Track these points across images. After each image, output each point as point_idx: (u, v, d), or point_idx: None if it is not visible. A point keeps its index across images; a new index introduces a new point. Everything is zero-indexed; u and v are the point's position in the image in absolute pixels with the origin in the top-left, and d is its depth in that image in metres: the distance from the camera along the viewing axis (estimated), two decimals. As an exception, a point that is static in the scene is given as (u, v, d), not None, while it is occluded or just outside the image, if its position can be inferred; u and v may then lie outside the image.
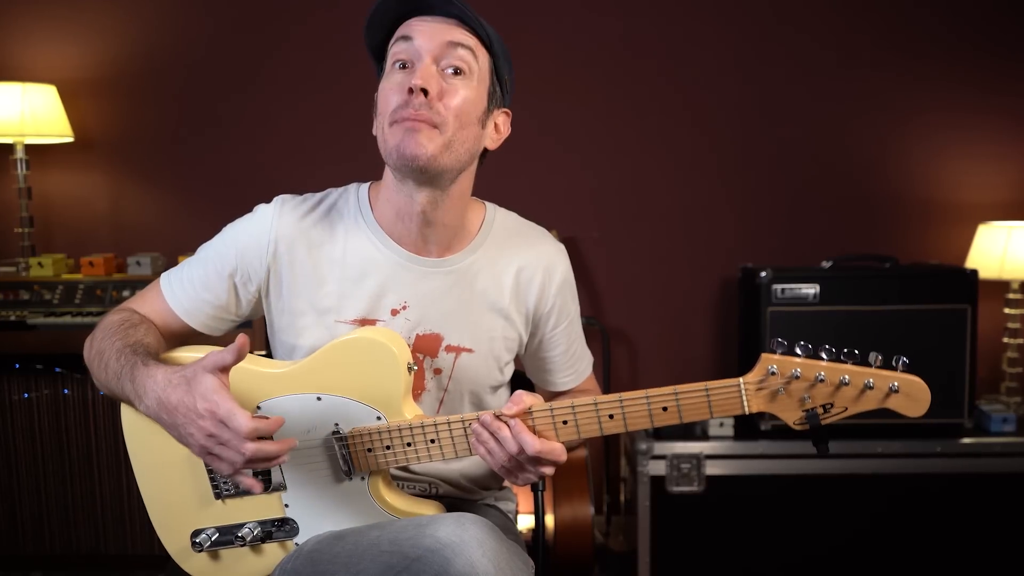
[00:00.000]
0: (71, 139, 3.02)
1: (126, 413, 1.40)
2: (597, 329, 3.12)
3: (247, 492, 1.37)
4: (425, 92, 1.28)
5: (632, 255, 3.22)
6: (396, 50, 1.33)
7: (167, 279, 1.48)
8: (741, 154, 3.18)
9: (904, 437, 2.64)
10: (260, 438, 1.18)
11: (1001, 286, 2.99)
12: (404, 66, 1.32)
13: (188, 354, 1.38)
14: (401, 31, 1.34)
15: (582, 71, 3.16)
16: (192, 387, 1.19)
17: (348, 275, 1.41)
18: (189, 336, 1.48)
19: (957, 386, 2.67)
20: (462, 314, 1.44)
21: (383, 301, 1.41)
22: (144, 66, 3.16)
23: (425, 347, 1.43)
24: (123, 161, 3.20)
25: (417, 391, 1.45)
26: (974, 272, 2.69)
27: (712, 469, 2.67)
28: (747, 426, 2.74)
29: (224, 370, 1.19)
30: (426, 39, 1.31)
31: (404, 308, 1.42)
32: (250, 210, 1.47)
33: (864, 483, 2.64)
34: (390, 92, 1.32)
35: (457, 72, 1.32)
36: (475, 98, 1.34)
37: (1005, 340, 2.99)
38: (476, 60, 1.34)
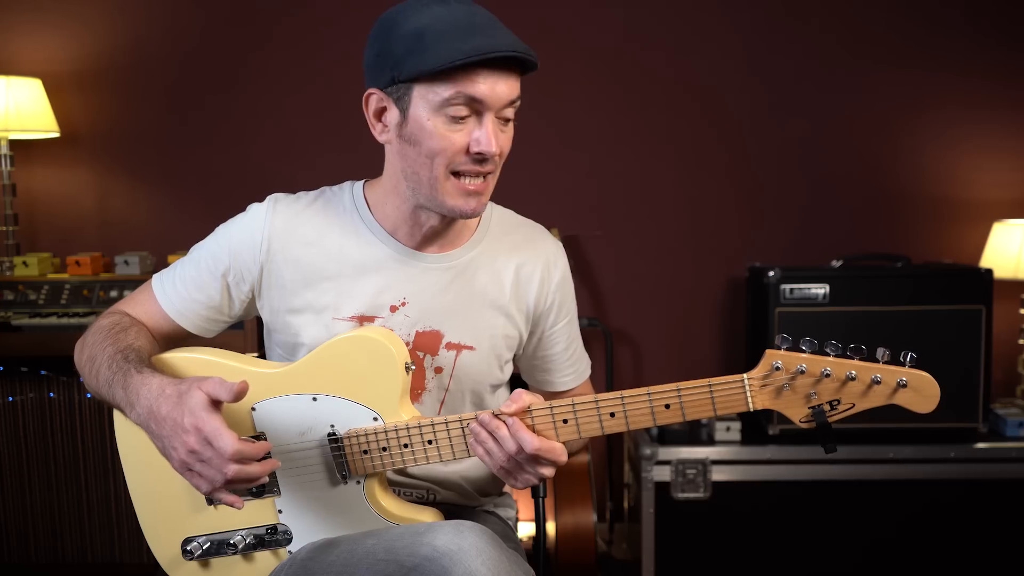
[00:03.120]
0: (57, 134, 3.03)
1: (119, 417, 1.41)
2: (600, 330, 3.13)
3: (240, 497, 1.38)
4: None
5: (636, 254, 3.23)
6: (459, 103, 1.28)
7: (159, 280, 1.49)
8: (749, 150, 3.19)
9: (917, 442, 2.65)
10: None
11: (1017, 286, 3.00)
12: (462, 119, 1.30)
13: (181, 355, 1.39)
14: (469, 87, 1.27)
15: (586, 64, 3.17)
16: (183, 401, 1.19)
17: (345, 272, 1.43)
18: (182, 338, 1.49)
19: (971, 389, 2.67)
20: (462, 311, 1.45)
21: (382, 298, 1.43)
22: (132, 59, 3.17)
23: (425, 344, 1.44)
24: (110, 157, 3.21)
25: (418, 391, 1.46)
26: (989, 272, 2.69)
27: (718, 475, 2.68)
28: (755, 431, 2.74)
29: (216, 402, 1.20)
30: (494, 100, 1.29)
31: (403, 304, 1.43)
32: (242, 209, 1.48)
33: (876, 489, 2.65)
34: (450, 145, 1.30)
35: (508, 121, 1.35)
36: (513, 133, 1.39)
37: (1021, 342, 3.00)
38: (520, 99, 1.36)
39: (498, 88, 1.28)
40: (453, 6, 1.28)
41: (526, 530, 2.60)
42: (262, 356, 1.56)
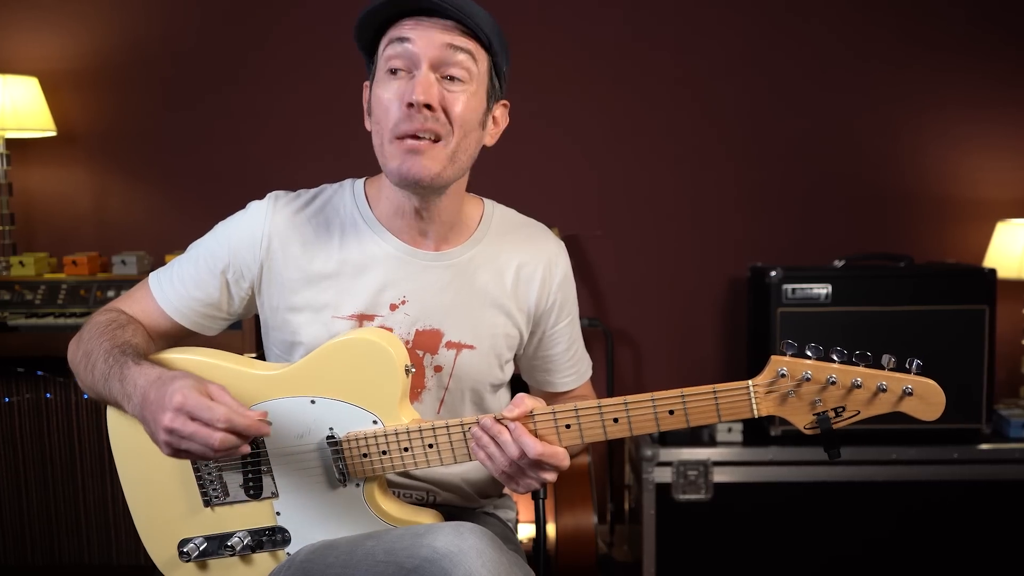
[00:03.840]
0: (53, 133, 3.02)
1: (112, 416, 1.40)
2: (600, 331, 3.13)
3: (238, 499, 1.38)
4: (428, 106, 1.29)
5: (637, 254, 3.23)
6: (390, 53, 1.32)
7: (156, 278, 1.49)
8: (751, 149, 3.18)
9: (920, 443, 2.65)
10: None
11: (1020, 286, 3.00)
12: (396, 72, 1.32)
13: (178, 355, 1.39)
14: (394, 32, 1.32)
15: (587, 62, 3.17)
16: (172, 383, 1.20)
17: (345, 270, 1.43)
18: (179, 336, 1.48)
19: (974, 390, 2.67)
20: (462, 309, 1.45)
21: (382, 296, 1.42)
22: (129, 57, 3.16)
23: (425, 343, 1.44)
24: (107, 156, 3.20)
25: (417, 389, 1.46)
26: (992, 272, 2.69)
27: (720, 476, 2.67)
28: (756, 432, 2.74)
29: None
30: (424, 43, 1.30)
31: (403, 303, 1.43)
32: (241, 207, 1.49)
33: (878, 491, 2.65)
34: (388, 103, 1.32)
35: (454, 79, 1.32)
36: (476, 103, 1.35)
37: (1024, 342, 3.01)
38: (476, 64, 1.34)
39: (426, 34, 1.29)
40: None
41: (526, 532, 2.59)
42: (260, 356, 1.55)
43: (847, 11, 3.12)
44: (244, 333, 2.67)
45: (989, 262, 2.94)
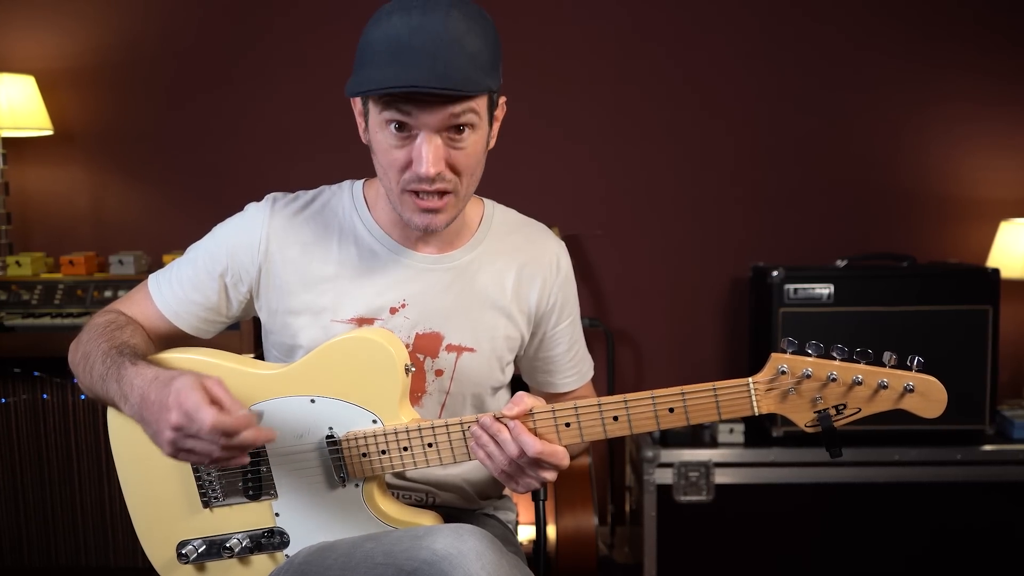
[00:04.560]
0: (50, 132, 3.02)
1: (113, 417, 1.41)
2: (601, 331, 3.13)
3: (236, 499, 1.38)
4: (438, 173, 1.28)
5: (638, 253, 3.23)
6: (388, 117, 1.27)
7: (155, 281, 1.49)
8: (753, 147, 3.19)
9: (922, 444, 2.65)
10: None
11: (1024, 286, 3.00)
12: (401, 127, 1.27)
13: (177, 355, 1.39)
14: (396, 115, 1.26)
15: (588, 60, 3.17)
16: (172, 383, 1.19)
17: (344, 273, 1.43)
18: (178, 339, 1.48)
19: (978, 391, 2.67)
20: (463, 312, 1.45)
21: (381, 299, 1.42)
22: (127, 56, 3.16)
23: (425, 347, 1.44)
24: (105, 155, 3.20)
25: (418, 394, 1.46)
26: (996, 271, 2.70)
27: (721, 477, 2.68)
28: (758, 433, 2.74)
29: (214, 399, 1.19)
30: (428, 118, 1.25)
31: (403, 306, 1.43)
32: (239, 208, 1.49)
33: (881, 492, 2.65)
34: (393, 157, 1.29)
35: (461, 130, 1.29)
36: (480, 139, 1.33)
37: (1028, 342, 3.01)
38: (477, 112, 1.29)
39: (424, 117, 1.25)
40: (411, 16, 1.23)
41: (526, 533, 2.60)
42: (259, 357, 1.55)
43: (850, 10, 3.12)
44: (242, 334, 2.67)
45: (992, 262, 2.94)
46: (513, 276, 1.49)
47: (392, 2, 1.28)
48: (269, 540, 1.39)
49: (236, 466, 1.23)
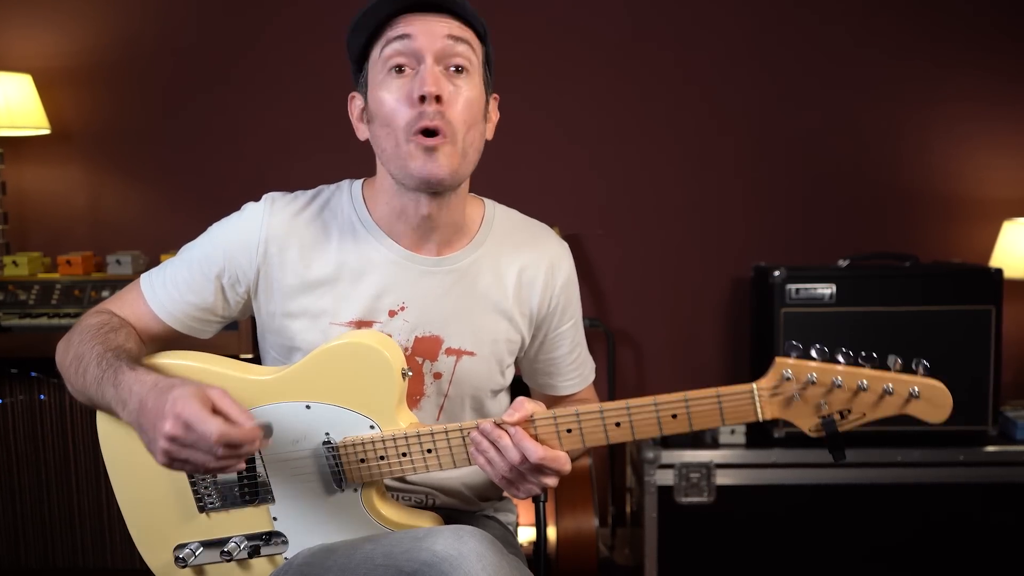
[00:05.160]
0: (47, 131, 3.02)
1: (102, 422, 1.39)
2: (601, 331, 3.12)
3: (233, 505, 1.37)
4: (438, 98, 1.29)
5: (639, 253, 3.22)
6: (391, 51, 1.32)
7: (148, 280, 1.47)
8: (754, 146, 3.18)
9: (925, 445, 2.64)
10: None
11: (1027, 286, 2.99)
12: (402, 70, 1.32)
13: (171, 360, 1.38)
14: (395, 30, 1.32)
15: (588, 57, 3.16)
16: (172, 391, 1.18)
17: (343, 276, 1.41)
18: (172, 339, 1.47)
19: (981, 391, 2.67)
20: (463, 315, 1.44)
21: (381, 302, 1.41)
22: (125, 54, 3.15)
23: (424, 350, 1.43)
24: (102, 154, 3.19)
25: (416, 397, 1.45)
26: (999, 271, 2.69)
27: (723, 479, 2.67)
28: (760, 434, 2.74)
29: (213, 408, 1.18)
30: (426, 38, 1.30)
31: (402, 309, 1.42)
32: (237, 207, 1.47)
33: (883, 493, 2.64)
34: (396, 103, 1.31)
35: (459, 70, 1.33)
36: (477, 95, 1.36)
37: (1031, 343, 3.00)
38: (474, 53, 1.35)
39: (427, 28, 1.30)
40: None
41: (526, 535, 2.59)
42: (257, 357, 1.55)
43: (852, 8, 3.11)
44: (240, 334, 2.67)
45: (995, 262, 2.94)
46: (515, 278, 1.48)
47: None
48: (267, 543, 1.39)
49: (230, 473, 1.22)
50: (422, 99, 1.28)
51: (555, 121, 3.15)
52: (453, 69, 1.32)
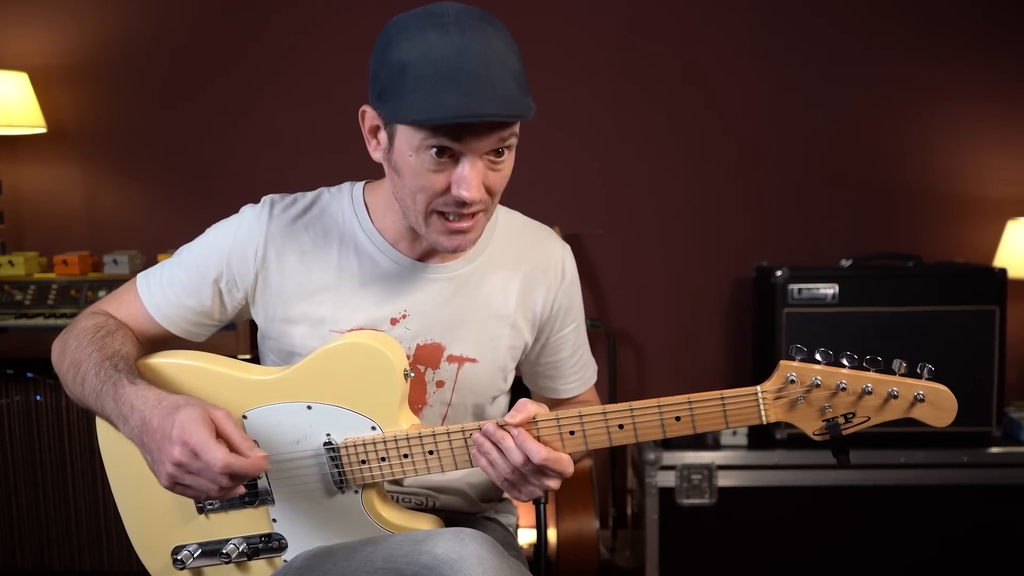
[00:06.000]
0: (44, 130, 3.01)
1: (102, 424, 1.39)
2: (602, 332, 3.12)
3: (232, 506, 1.37)
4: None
5: (640, 253, 3.22)
6: (434, 142, 1.22)
7: (144, 280, 1.46)
8: (756, 145, 3.18)
9: (928, 446, 2.64)
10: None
11: (1031, 286, 3.00)
12: (441, 152, 1.23)
13: (168, 360, 1.38)
14: (446, 143, 1.21)
15: (589, 55, 3.16)
16: (176, 412, 1.17)
17: (344, 283, 1.41)
18: (166, 341, 1.46)
19: (984, 392, 2.67)
20: (465, 323, 1.44)
21: (382, 310, 1.41)
22: (122, 52, 3.15)
23: (426, 358, 1.43)
24: (99, 153, 3.19)
25: (419, 405, 1.45)
26: (1003, 271, 2.69)
27: (724, 480, 2.67)
28: (762, 435, 2.74)
29: (221, 434, 1.18)
30: (478, 145, 1.23)
31: (404, 317, 1.41)
32: (235, 207, 1.46)
33: (886, 495, 2.64)
34: (429, 181, 1.25)
35: (501, 152, 1.27)
36: (512, 162, 1.32)
37: (1035, 343, 3.00)
38: (517, 131, 1.28)
39: (474, 143, 1.22)
40: (450, 35, 1.19)
41: (527, 537, 2.59)
42: (255, 358, 1.54)
43: (855, 6, 3.11)
44: (239, 335, 2.67)
45: (999, 261, 2.94)
46: (518, 282, 1.47)
47: (412, 17, 1.23)
48: (267, 545, 1.38)
49: (233, 495, 1.21)
50: (458, 201, 1.25)
51: (556, 121, 3.15)
52: (496, 153, 1.27)
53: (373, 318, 1.41)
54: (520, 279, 1.47)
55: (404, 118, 1.21)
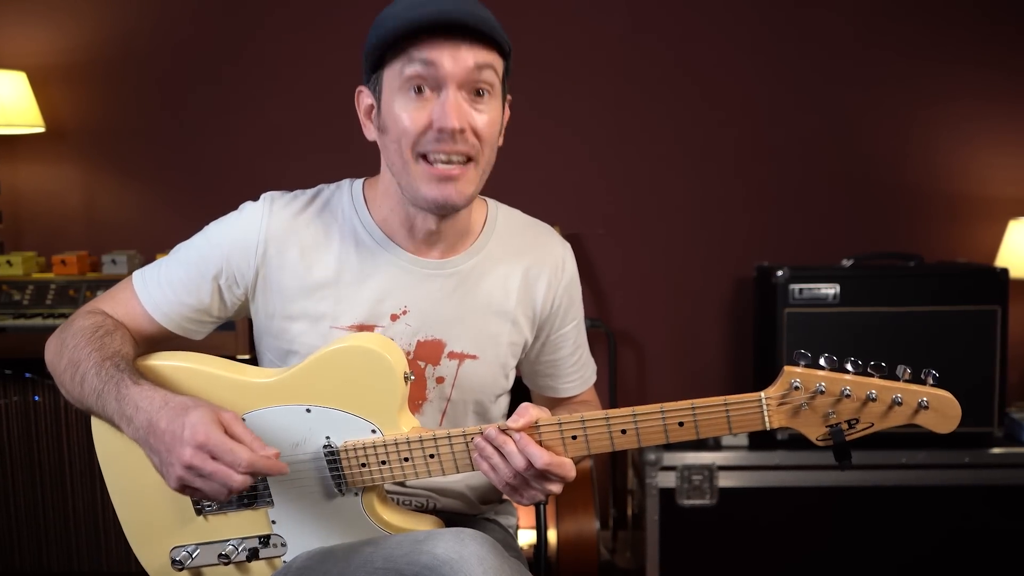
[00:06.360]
0: (42, 129, 3.01)
1: (98, 425, 1.38)
2: (602, 332, 3.12)
3: (231, 507, 1.37)
4: (460, 130, 1.27)
5: (640, 253, 3.22)
6: (412, 72, 1.27)
7: (141, 278, 1.45)
8: (757, 145, 3.18)
9: (930, 447, 2.64)
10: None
11: (1033, 286, 2.99)
12: (421, 90, 1.28)
13: (166, 362, 1.37)
14: (419, 51, 1.26)
15: (589, 55, 3.16)
16: (186, 413, 1.18)
17: (344, 279, 1.41)
18: (163, 339, 1.45)
19: (986, 393, 2.66)
20: (466, 319, 1.44)
21: (382, 306, 1.41)
22: (120, 52, 3.15)
23: (426, 354, 1.43)
24: (97, 153, 3.19)
25: (418, 401, 1.45)
26: (1005, 271, 2.69)
27: (725, 481, 2.67)
28: (763, 436, 2.73)
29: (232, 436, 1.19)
30: (452, 66, 1.26)
31: (404, 313, 1.41)
32: (234, 206, 1.46)
33: (887, 495, 2.64)
34: (411, 123, 1.28)
35: (481, 93, 1.30)
36: (497, 114, 1.34)
37: (1037, 343, 3.00)
38: (497, 75, 1.32)
39: (454, 55, 1.26)
40: None
41: (527, 538, 2.59)
42: (254, 358, 1.54)
43: (856, 5, 3.11)
44: (237, 334, 2.66)
45: (1001, 261, 2.94)
46: (518, 279, 1.47)
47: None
48: (266, 546, 1.38)
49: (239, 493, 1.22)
50: (441, 130, 1.27)
51: (556, 120, 3.15)
52: (475, 93, 1.29)
53: (373, 314, 1.41)
54: (521, 276, 1.48)
55: (383, 38, 1.27)
